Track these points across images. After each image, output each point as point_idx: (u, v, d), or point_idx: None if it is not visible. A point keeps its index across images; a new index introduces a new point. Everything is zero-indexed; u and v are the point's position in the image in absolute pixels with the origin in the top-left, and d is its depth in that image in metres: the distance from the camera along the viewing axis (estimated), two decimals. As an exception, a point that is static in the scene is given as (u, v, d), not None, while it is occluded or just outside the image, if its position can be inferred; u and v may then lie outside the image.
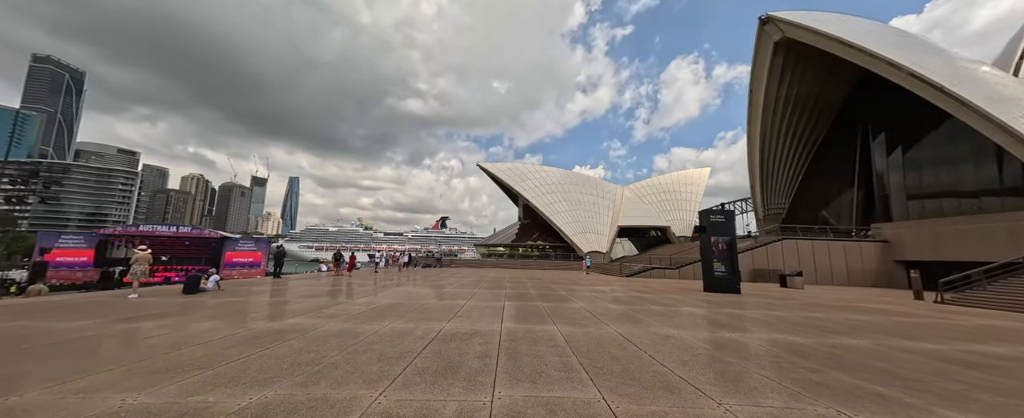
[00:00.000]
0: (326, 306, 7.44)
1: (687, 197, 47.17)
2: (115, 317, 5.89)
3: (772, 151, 36.46)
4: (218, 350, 4.00)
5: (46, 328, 4.95)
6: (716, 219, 12.34)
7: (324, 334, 4.82)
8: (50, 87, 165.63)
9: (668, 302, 9.36)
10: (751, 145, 37.12)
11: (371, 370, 3.33)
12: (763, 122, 35.21)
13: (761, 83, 33.38)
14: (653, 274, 22.76)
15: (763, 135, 35.76)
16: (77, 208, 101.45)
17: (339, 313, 6.58)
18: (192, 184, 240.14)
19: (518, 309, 7.53)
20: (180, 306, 7.24)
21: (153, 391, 2.80)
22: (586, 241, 38.37)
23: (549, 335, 4.92)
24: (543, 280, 18.04)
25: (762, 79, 33.26)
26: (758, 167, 37.07)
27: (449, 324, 5.62)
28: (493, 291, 11.57)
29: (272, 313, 6.49)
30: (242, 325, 5.41)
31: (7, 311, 6.37)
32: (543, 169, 51.02)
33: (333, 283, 13.84)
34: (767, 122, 35.18)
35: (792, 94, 34.07)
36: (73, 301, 7.98)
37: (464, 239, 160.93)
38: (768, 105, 34.41)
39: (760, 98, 34.19)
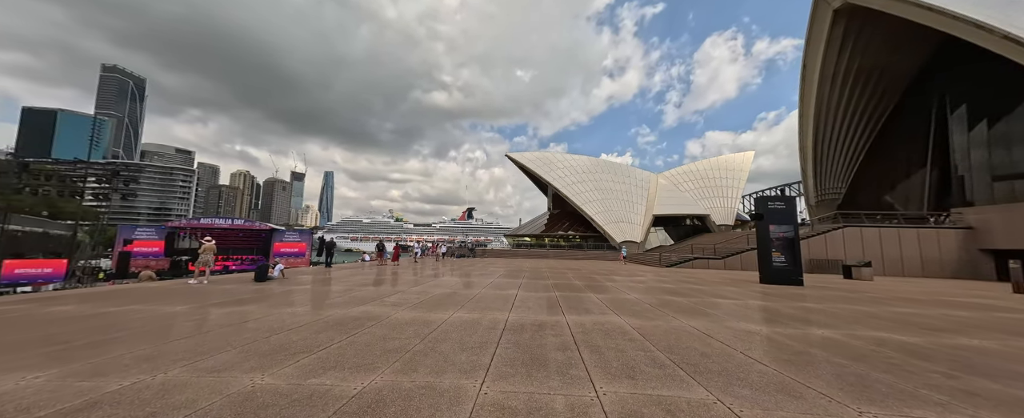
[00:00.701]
0: (386, 295, 7.72)
1: (728, 183, 44.50)
2: (207, 303, 6.42)
3: (828, 131, 33.37)
4: (310, 335, 4.22)
5: (157, 312, 5.48)
6: (775, 206, 11.47)
7: (398, 322, 4.97)
8: (118, 94, 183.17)
9: (728, 294, 8.89)
10: (803, 125, 34.16)
11: (460, 359, 3.36)
12: (818, 99, 32.20)
13: (817, 56, 30.41)
14: (696, 264, 21.82)
15: (817, 113, 32.74)
16: (146, 203, 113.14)
17: (401, 302, 6.79)
18: (240, 180, 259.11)
19: (572, 300, 7.43)
20: (257, 293, 7.80)
21: (273, 372, 2.97)
22: (619, 231, 37.44)
23: (619, 327, 4.78)
24: (581, 270, 17.83)
25: (818, 52, 30.27)
26: (811, 149, 34.12)
27: (512, 314, 5.62)
28: (537, 281, 11.55)
29: (341, 301, 6.81)
30: (321, 312, 5.70)
31: (118, 297, 7.13)
32: (572, 157, 50.03)
33: (379, 273, 14.43)
34: (822, 99, 32.13)
35: (853, 67, 30.79)
36: (165, 287, 8.82)
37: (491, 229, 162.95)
38: (824, 80, 31.35)
39: (815, 73, 31.20)
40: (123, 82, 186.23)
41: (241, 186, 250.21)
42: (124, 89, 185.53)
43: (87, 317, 5.10)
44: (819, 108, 32.49)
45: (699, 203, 43.06)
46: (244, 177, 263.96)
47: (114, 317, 5.11)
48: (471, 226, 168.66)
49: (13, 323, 4.73)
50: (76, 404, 2.42)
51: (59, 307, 5.83)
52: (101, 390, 2.64)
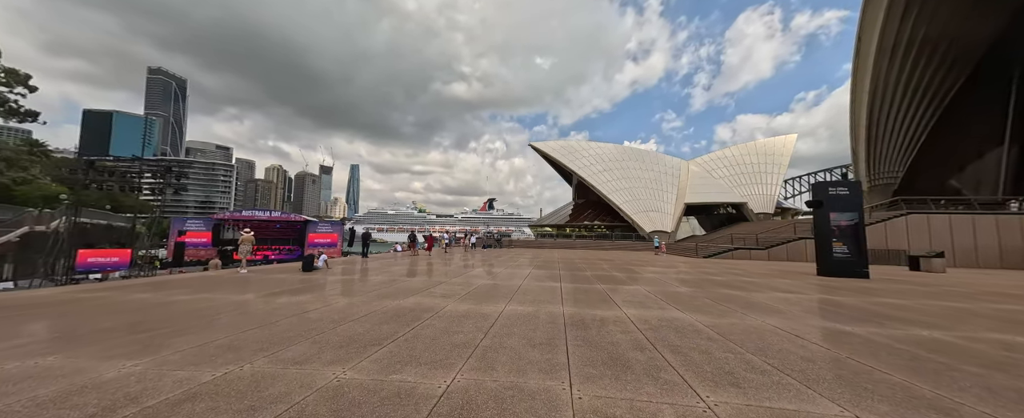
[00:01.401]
0: (431, 286, 7.73)
1: (766, 169, 41.77)
2: (266, 292, 6.66)
3: (884, 109, 30.42)
4: (373, 326, 4.21)
5: (223, 301, 5.71)
6: (838, 192, 10.51)
7: (454, 315, 4.90)
8: (163, 95, 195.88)
9: (789, 287, 8.29)
10: (856, 103, 31.32)
11: (533, 357, 3.21)
12: (874, 74, 29.30)
13: (874, 27, 27.54)
14: (736, 255, 20.74)
15: (873, 90, 29.86)
16: (192, 197, 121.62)
17: (449, 293, 6.76)
18: (274, 174, 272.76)
19: (621, 293, 7.15)
20: (307, 282, 8.04)
21: (353, 366, 2.93)
22: (649, 220, 36.23)
23: (689, 325, 4.47)
24: (615, 261, 17.39)
25: (876, 21, 27.39)
26: (864, 129, 31.30)
27: (566, 308, 5.43)
28: (576, 273, 11.31)
29: (390, 291, 6.87)
30: (375, 302, 5.75)
31: (184, 285, 7.55)
32: (597, 145, 48.64)
33: (415, 263, 14.66)
34: (879, 74, 29.21)
35: (917, 36, 27.70)
36: (222, 277, 9.29)
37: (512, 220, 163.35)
38: (882, 52, 28.42)
39: (872, 45, 28.33)
40: (167, 83, 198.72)
41: (275, 180, 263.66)
42: (168, 90, 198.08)
43: (163, 305, 5.38)
44: (875, 84, 29.58)
45: (735, 190, 40.79)
46: (277, 171, 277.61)
47: (187, 305, 5.37)
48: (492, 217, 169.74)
49: (102, 310, 5.04)
50: (177, 394, 2.45)
51: (137, 295, 6.21)
52: (197, 381, 2.68)
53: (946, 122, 30.79)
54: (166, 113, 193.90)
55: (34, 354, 3.21)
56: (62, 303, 5.56)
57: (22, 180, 37.72)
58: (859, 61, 29.59)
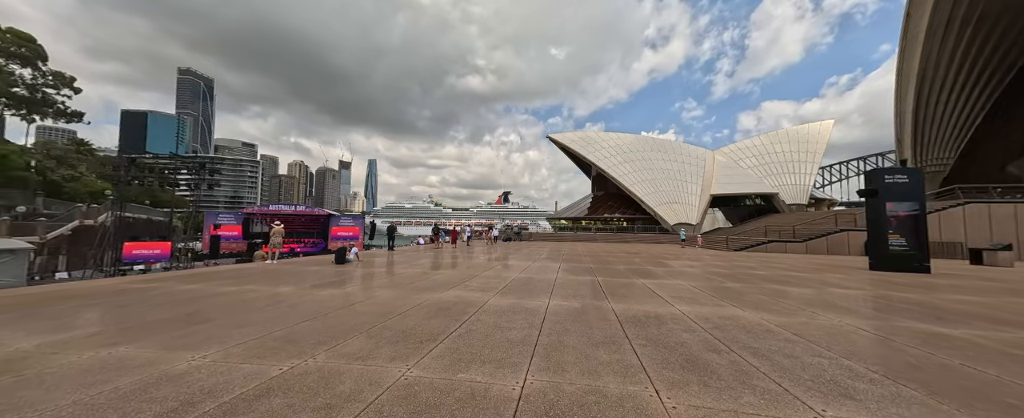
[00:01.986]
0: (466, 279, 7.65)
1: (799, 158, 39.66)
2: (308, 284, 6.73)
3: (935, 91, 28.17)
4: (423, 321, 4.12)
5: (270, 292, 5.78)
6: (896, 180, 9.71)
7: (499, 309, 4.76)
8: (192, 94, 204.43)
9: (847, 284, 7.76)
10: (902, 86, 29.14)
11: (602, 357, 3.01)
12: (924, 54, 27.11)
13: (926, 2, 25.32)
14: (771, 248, 19.83)
15: (922, 71, 27.65)
16: (222, 192, 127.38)
17: (487, 287, 6.65)
18: (296, 169, 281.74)
19: (666, 288, 6.85)
20: (344, 275, 8.10)
21: (417, 363, 2.83)
22: (672, 212, 35.20)
23: (757, 324, 4.17)
24: (643, 254, 16.95)
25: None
26: (911, 114, 29.15)
27: (615, 304, 5.21)
28: (606, 266, 11.03)
29: (426, 285, 6.82)
30: (416, 295, 5.69)
31: (228, 277, 7.75)
32: (617, 136, 47.45)
33: (439, 256, 14.70)
34: (930, 53, 27.00)
35: (974, 12, 25.37)
36: (261, 269, 9.51)
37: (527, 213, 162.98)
38: (933, 31, 26.20)
39: (922, 23, 26.15)
40: (195, 83, 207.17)
41: (297, 175, 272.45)
42: (197, 90, 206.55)
43: (214, 296, 5.49)
44: (925, 65, 27.35)
45: (764, 181, 39.00)
46: (300, 167, 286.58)
47: (235, 297, 5.46)
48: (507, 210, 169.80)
49: (159, 301, 5.18)
50: (251, 389, 2.40)
51: (187, 286, 6.39)
52: (266, 374, 2.63)
53: (1004, 104, 28.30)
54: (195, 112, 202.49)
55: (106, 344, 3.27)
56: (119, 293, 5.77)
57: (71, 177, 40.29)
58: (907, 41, 27.40)
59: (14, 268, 16.89)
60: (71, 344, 3.26)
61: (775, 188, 37.58)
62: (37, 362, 2.83)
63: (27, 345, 3.23)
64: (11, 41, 27.89)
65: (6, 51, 27.61)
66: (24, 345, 3.23)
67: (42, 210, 29.84)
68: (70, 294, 5.69)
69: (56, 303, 5.02)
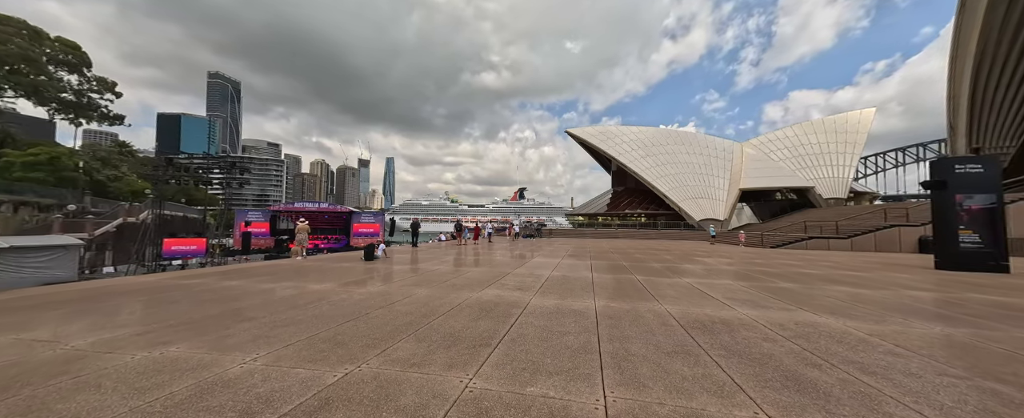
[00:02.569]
0: (499, 277, 7.42)
1: (837, 149, 37.26)
2: (342, 281, 6.67)
3: (995, 72, 25.72)
4: (469, 322, 3.90)
5: (308, 290, 5.72)
6: (969, 170, 8.76)
7: (545, 311, 4.49)
8: (221, 97, 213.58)
9: (919, 284, 7.06)
10: (956, 68, 26.75)
11: (683, 370, 2.68)
12: (983, 31, 24.72)
13: (990, -28, 23.03)
14: (811, 245, 18.67)
15: (981, 51, 25.25)
16: (250, 191, 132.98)
17: (523, 285, 6.39)
18: (318, 168, 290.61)
19: (716, 289, 6.39)
20: (375, 272, 8.03)
21: (476, 372, 2.59)
22: (698, 208, 33.89)
23: (846, 332, 3.72)
24: (673, 251, 16.31)
25: (995, -35, 22.91)
26: (966, 98, 26.75)
27: (668, 306, 4.84)
28: (640, 264, 10.59)
29: (461, 282, 6.63)
30: (453, 294, 5.50)
31: (265, 273, 7.82)
32: (637, 130, 46.09)
33: (465, 252, 14.58)
34: (990, 30, 24.58)
35: (1050, -22, 22.83)
36: (292, 265, 9.61)
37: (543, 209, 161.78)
38: (996, 3, 23.76)
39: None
40: (224, 86, 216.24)
41: (319, 174, 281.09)
42: (226, 93, 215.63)
43: (255, 293, 5.47)
44: (985, 42, 24.94)
45: (798, 174, 36.89)
46: (321, 166, 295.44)
47: (276, 294, 5.41)
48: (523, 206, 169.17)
49: (203, 297, 5.19)
50: (309, 399, 2.22)
51: (228, 282, 6.44)
52: (321, 382, 2.45)
53: (1079, 85, 25.52)
54: (224, 114, 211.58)
55: (158, 342, 3.20)
56: (164, 290, 5.84)
57: (114, 177, 42.82)
58: (965, 15, 25.03)
59: (67, 263, 17.96)
60: (124, 342, 3.22)
61: (810, 181, 35.44)
62: (93, 362, 2.76)
63: (82, 343, 3.21)
64: (59, 49, 29.65)
65: (55, 58, 29.39)
66: (80, 342, 3.21)
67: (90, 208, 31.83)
68: (119, 290, 5.81)
69: (107, 299, 5.10)
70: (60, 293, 5.56)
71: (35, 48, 27.83)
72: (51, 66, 29.15)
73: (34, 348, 3.08)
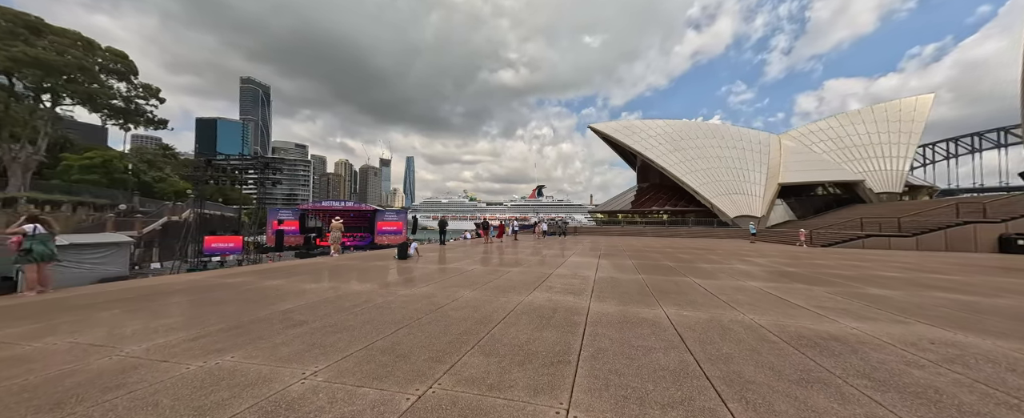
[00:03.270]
0: (542, 279, 7.01)
1: (889, 139, 34.26)
2: (382, 281, 6.45)
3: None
4: (532, 333, 3.49)
5: (351, 291, 5.51)
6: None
7: (613, 320, 4.03)
8: (252, 101, 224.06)
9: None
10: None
11: (833, 409, 2.16)
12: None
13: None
14: (868, 244, 17.11)
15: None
16: (280, 190, 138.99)
17: (572, 288, 5.94)
18: (342, 168, 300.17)
19: (795, 294, 5.71)
20: (412, 271, 7.78)
21: (574, 402, 2.16)
22: (732, 204, 32.12)
23: (1002, 356, 3.05)
24: (716, 250, 15.36)
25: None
26: (1048, 80, 23.79)
27: (757, 317, 4.26)
28: (689, 265, 9.89)
29: (505, 284, 6.26)
30: (501, 297, 5.13)
31: (306, 271, 7.75)
32: (665, 123, 44.32)
33: (495, 251, 14.26)
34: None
35: None
36: (328, 263, 9.56)
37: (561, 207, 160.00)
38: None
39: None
40: (255, 91, 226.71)
41: (343, 173, 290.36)
42: (256, 97, 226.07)
43: (300, 294, 5.30)
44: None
45: (844, 166, 34.22)
46: (345, 165, 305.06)
47: (321, 295, 5.22)
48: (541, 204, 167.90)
49: (250, 298, 5.06)
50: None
51: (271, 281, 6.36)
52: (396, 407, 2.11)
53: None
54: (255, 117, 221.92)
55: (212, 350, 2.98)
56: (210, 289, 5.78)
57: (159, 178, 45.56)
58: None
59: (120, 259, 19.04)
60: (177, 349, 3.03)
61: (859, 174, 32.73)
62: (148, 373, 2.55)
63: (137, 348, 3.04)
64: (109, 58, 31.61)
65: (106, 67, 31.37)
66: (135, 348, 3.04)
67: (138, 208, 33.94)
68: (167, 289, 5.80)
69: (157, 298, 5.06)
70: (113, 291, 5.61)
71: (88, 58, 29.80)
72: (102, 75, 31.14)
73: (90, 354, 2.92)
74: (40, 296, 5.08)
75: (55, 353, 2.96)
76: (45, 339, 3.29)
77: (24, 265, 4.92)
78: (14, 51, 24.56)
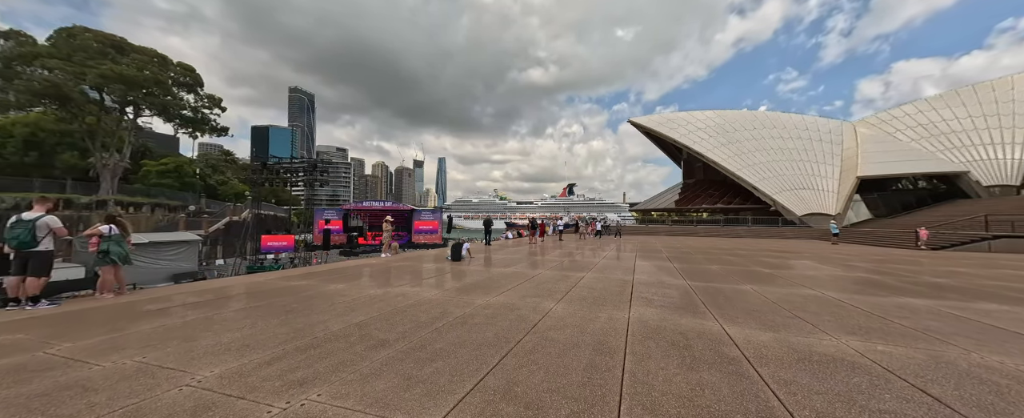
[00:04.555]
0: (624, 288, 6.05)
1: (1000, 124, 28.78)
2: (446, 287, 5.83)
3: None
4: (689, 377, 2.57)
5: (420, 297, 4.91)
6: None
7: (786, 357, 3.03)
8: (299, 109, 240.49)
9: None
10: None
11: None
12: None
13: None
14: (996, 246, 14.19)
15: None
16: (324, 191, 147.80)
17: (674, 303, 4.94)
18: (379, 170, 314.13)
19: (992, 316, 4.32)
20: (474, 275, 7.10)
21: None
22: (799, 201, 28.79)
23: None
24: (799, 253, 13.47)
25: None
26: None
27: (1003, 357, 3.06)
28: (788, 272, 8.45)
29: (590, 295, 5.39)
30: (598, 311, 4.27)
31: (366, 273, 7.37)
32: (714, 114, 41.01)
33: (547, 251, 13.41)
34: None
35: None
36: (384, 264, 9.19)
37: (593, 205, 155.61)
38: None
39: None
40: (301, 99, 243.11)
41: (379, 175, 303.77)
42: (302, 105, 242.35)
43: (369, 303, 4.77)
44: None
45: (940, 156, 29.46)
46: (382, 167, 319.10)
47: (392, 305, 4.65)
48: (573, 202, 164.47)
49: (318, 306, 4.60)
50: None
51: (334, 285, 5.95)
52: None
53: None
54: (302, 124, 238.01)
55: (293, 382, 2.39)
56: (277, 293, 5.44)
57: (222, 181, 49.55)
58: None
59: (190, 256, 20.47)
60: (255, 378, 2.47)
61: (961, 165, 27.88)
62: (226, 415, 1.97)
63: (210, 374, 2.53)
64: (180, 72, 34.61)
65: (177, 81, 34.38)
66: (207, 374, 2.53)
67: (204, 208, 36.91)
68: (233, 292, 5.54)
69: (226, 304, 4.72)
70: (183, 294, 5.43)
71: (163, 73, 32.79)
72: (174, 88, 34.15)
73: (159, 382, 2.44)
74: (116, 298, 4.95)
75: (122, 378, 2.51)
76: (113, 357, 2.90)
77: (101, 266, 4.78)
78: (103, 68, 27.42)
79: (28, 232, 4.14)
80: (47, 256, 4.31)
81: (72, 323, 3.82)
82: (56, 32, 29.25)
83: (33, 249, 4.20)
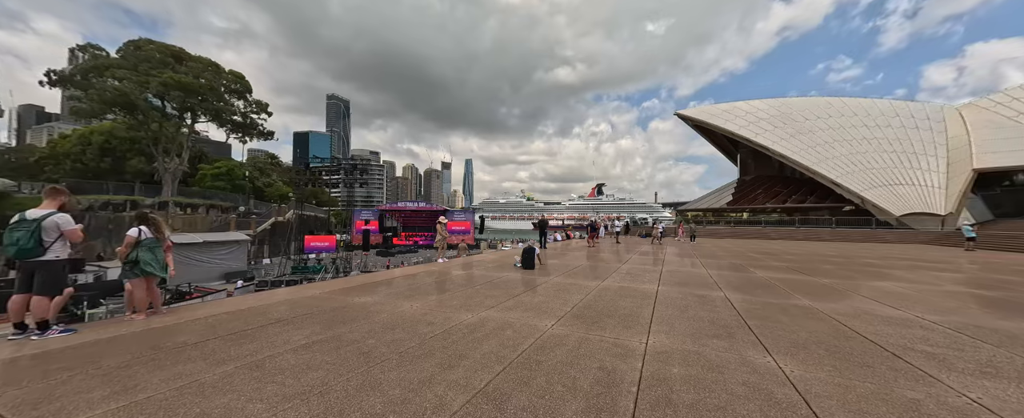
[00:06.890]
0: (780, 315, 4.21)
1: None
2: (558, 314, 4.26)
3: None
4: None
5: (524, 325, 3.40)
6: None
7: None
8: (335, 115, 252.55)
9: None
10: None
11: None
12: None
13: None
14: None
15: None
16: (360, 193, 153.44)
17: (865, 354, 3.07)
18: (409, 172, 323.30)
19: None
20: (567, 291, 5.50)
21: None
22: (896, 198, 24.67)
23: None
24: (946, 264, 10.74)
25: None
26: None
27: None
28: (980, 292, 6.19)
29: (730, 323, 3.63)
30: (767, 356, 2.52)
31: (435, 289, 6.03)
32: (777, 102, 36.92)
33: (606, 257, 11.60)
34: None
35: None
36: (448, 275, 7.84)
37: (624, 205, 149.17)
38: None
39: None
40: (338, 106, 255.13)
41: (410, 177, 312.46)
42: (339, 111, 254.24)
43: (469, 336, 3.32)
44: None
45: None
46: (412, 169, 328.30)
47: (500, 339, 3.18)
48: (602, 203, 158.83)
49: (400, 341, 3.21)
50: None
51: (411, 304, 4.60)
52: None
53: None
54: (338, 129, 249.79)
55: None
56: (339, 318, 4.14)
57: (268, 184, 51.82)
58: None
59: (241, 255, 20.64)
60: None
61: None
62: None
63: None
64: (231, 80, 36.20)
65: (228, 88, 35.96)
66: None
67: (253, 210, 38.34)
68: (289, 314, 4.31)
69: (280, 336, 3.44)
70: (225, 321, 4.29)
71: (216, 80, 34.36)
72: (226, 94, 35.73)
73: None
74: (147, 319, 3.85)
75: None
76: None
77: (129, 279, 3.68)
78: (164, 76, 28.90)
79: (30, 236, 3.08)
80: (58, 267, 3.26)
81: (75, 368, 2.65)
82: (124, 45, 31.34)
83: (39, 259, 3.15)
